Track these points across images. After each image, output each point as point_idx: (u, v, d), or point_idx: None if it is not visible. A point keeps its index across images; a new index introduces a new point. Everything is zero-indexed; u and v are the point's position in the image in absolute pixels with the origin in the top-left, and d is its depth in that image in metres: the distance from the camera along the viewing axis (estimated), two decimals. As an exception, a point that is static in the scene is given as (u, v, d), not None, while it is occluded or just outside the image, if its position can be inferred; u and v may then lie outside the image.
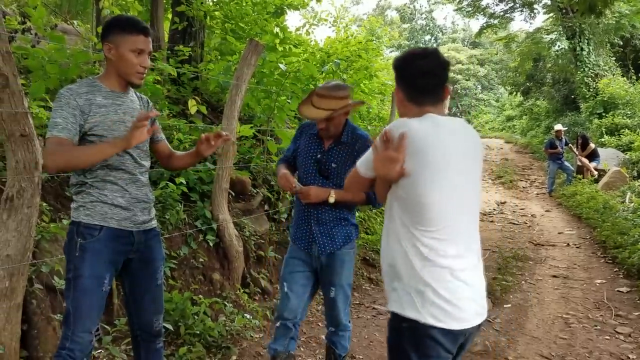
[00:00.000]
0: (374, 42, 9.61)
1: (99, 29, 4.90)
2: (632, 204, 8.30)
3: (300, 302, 2.76)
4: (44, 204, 3.07)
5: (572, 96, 18.35)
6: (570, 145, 12.32)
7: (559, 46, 18.56)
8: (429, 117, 1.72)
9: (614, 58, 17.66)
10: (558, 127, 12.37)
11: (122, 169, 2.17)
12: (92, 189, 2.11)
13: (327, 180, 2.71)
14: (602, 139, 13.78)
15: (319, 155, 2.73)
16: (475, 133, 1.90)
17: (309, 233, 2.74)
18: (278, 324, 2.77)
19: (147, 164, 2.33)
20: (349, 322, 2.89)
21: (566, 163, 12.17)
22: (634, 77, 17.30)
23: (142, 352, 2.37)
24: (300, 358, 3.54)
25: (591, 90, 16.17)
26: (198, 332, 3.32)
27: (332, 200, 2.60)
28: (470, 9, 20.96)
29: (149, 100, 2.43)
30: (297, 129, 2.96)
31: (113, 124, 2.13)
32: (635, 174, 11.15)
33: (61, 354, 2.04)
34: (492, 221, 9.42)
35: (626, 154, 12.36)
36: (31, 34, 4.98)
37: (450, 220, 1.71)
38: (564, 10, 16.67)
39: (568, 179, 11.89)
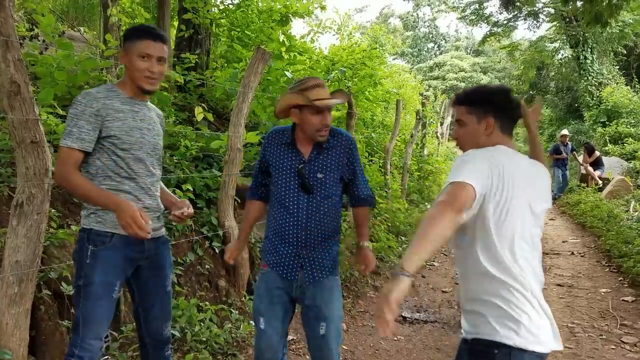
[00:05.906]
0: (378, 49, 9.65)
1: (107, 36, 4.96)
2: (637, 213, 8.29)
3: (282, 338, 2.39)
4: (52, 210, 3.07)
5: (576, 104, 18.39)
6: (574, 152, 12.31)
7: (562, 54, 18.65)
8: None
9: (617, 67, 17.71)
10: (564, 132, 12.35)
11: (136, 179, 2.18)
12: None
13: (309, 194, 2.31)
14: (606, 148, 13.79)
15: (299, 166, 2.32)
16: None
17: (295, 258, 2.32)
18: None
19: (159, 172, 2.34)
20: None
21: (567, 173, 12.12)
22: (638, 85, 17.33)
23: (151, 359, 2.37)
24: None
25: (595, 98, 16.20)
26: (204, 339, 3.32)
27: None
28: (473, 17, 21.07)
29: (162, 116, 2.49)
30: (264, 141, 2.46)
31: (130, 130, 2.15)
32: (640, 183, 11.15)
33: None
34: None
35: (630, 162, 12.37)
36: (39, 40, 5.01)
37: None
38: (567, 19, 16.74)
39: (561, 186, 11.84)
